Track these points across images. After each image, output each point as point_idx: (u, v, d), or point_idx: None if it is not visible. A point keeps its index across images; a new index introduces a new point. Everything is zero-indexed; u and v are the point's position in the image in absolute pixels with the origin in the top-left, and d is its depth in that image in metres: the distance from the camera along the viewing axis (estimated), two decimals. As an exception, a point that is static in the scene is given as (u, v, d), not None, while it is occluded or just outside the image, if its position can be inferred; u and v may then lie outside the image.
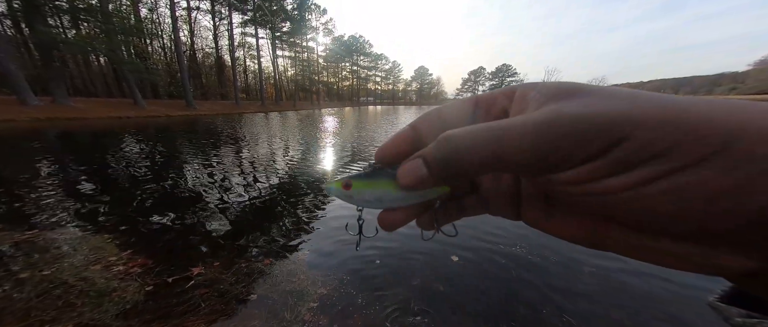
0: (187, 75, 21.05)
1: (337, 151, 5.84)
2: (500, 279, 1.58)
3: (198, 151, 5.71)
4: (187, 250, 1.93)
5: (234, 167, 4.42)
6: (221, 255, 1.86)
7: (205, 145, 6.41)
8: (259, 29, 35.30)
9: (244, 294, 1.49)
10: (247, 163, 4.70)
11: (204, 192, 3.17)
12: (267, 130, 9.98)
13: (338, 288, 1.52)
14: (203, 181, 3.60)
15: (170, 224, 2.32)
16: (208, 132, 9.22)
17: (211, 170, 4.19)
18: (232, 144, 6.73)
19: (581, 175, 0.09)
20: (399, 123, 13.22)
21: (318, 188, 3.36)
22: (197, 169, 4.21)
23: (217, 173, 4.03)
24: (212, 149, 5.93)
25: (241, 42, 40.49)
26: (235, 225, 2.34)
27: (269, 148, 6.17)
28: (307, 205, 2.78)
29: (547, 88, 0.11)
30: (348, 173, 0.15)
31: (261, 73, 35.08)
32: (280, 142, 6.99)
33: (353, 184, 0.14)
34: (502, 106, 0.13)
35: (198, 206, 2.73)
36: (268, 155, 5.34)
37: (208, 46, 36.29)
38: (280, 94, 43.49)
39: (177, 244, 2.01)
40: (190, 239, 2.08)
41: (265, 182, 3.56)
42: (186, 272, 1.64)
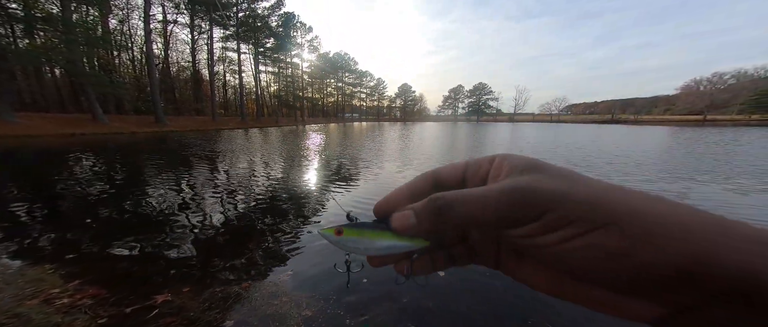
0: (157, 89, 19.85)
1: (320, 170, 5.74)
2: (486, 290, 1.60)
3: (165, 170, 5.28)
4: (150, 276, 1.73)
5: (207, 186, 4.14)
6: (191, 280, 1.69)
7: (173, 163, 5.96)
8: (242, 44, 35.19)
9: (218, 321, 1.35)
10: (222, 182, 4.43)
11: (171, 214, 2.91)
12: (246, 147, 9.58)
13: (324, 309, 1.43)
14: (170, 202, 3.31)
15: (129, 250, 2.08)
16: (179, 149, 8.62)
17: (181, 190, 3.88)
18: (207, 162, 6.34)
19: (527, 231, 0.13)
20: (384, 139, 13.43)
21: (300, 209, 3.25)
22: (163, 189, 3.87)
23: (187, 193, 3.73)
24: (183, 167, 5.53)
25: (221, 56, 39.81)
26: (208, 248, 2.15)
27: (248, 165, 5.90)
28: (290, 225, 2.64)
29: (516, 162, 0.14)
30: (339, 223, 0.18)
31: (242, 89, 34.31)
32: (259, 160, 6.71)
33: (344, 231, 0.16)
34: (486, 170, 0.16)
35: (164, 229, 2.49)
36: (247, 174, 5.09)
37: (185, 59, 35.05)
38: (261, 110, 42.48)
39: (137, 271, 1.79)
40: (153, 265, 1.87)
41: (242, 202, 3.36)
42: (148, 301, 1.46)
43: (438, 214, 0.14)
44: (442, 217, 0.14)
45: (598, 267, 0.12)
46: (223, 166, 5.76)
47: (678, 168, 5.24)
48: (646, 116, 71.76)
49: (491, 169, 0.16)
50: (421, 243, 0.15)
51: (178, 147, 9.19)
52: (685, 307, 0.11)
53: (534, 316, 1.41)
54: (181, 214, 2.87)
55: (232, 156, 7.04)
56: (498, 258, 0.17)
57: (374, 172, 5.05)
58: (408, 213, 0.15)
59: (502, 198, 0.13)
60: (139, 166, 5.63)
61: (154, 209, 3.03)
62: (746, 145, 9.36)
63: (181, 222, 2.67)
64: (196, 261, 1.94)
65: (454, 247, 0.18)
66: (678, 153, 7.49)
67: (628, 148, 8.86)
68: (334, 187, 4.01)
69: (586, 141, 11.64)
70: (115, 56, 27.33)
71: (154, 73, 20.08)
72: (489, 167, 0.16)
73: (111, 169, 5.28)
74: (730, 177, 4.44)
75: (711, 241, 0.10)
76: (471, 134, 16.48)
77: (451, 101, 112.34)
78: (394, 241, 0.15)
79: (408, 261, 0.16)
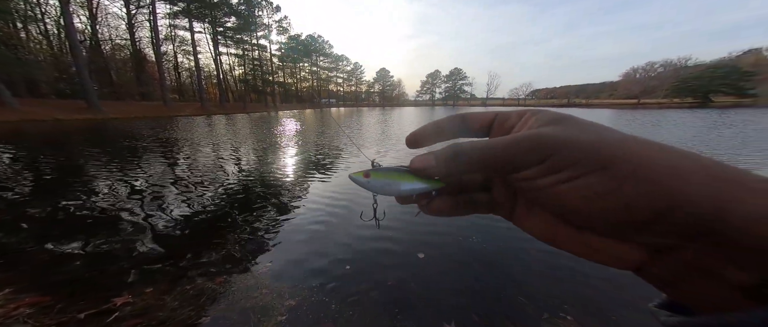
0: (86, 69, 16.47)
1: (296, 157, 5.49)
2: (464, 268, 1.70)
3: (111, 163, 4.59)
4: (104, 279, 1.56)
5: (166, 179, 3.72)
6: (156, 280, 1.57)
7: (119, 155, 5.18)
8: (196, 23, 30.51)
9: (192, 318, 1.28)
10: (184, 174, 4.02)
11: (124, 210, 2.59)
12: (209, 135, 8.66)
13: (308, 297, 1.44)
14: (121, 198, 2.93)
15: (74, 252, 1.83)
16: (124, 139, 7.46)
17: (133, 185, 3.44)
18: (162, 152, 5.64)
19: (530, 174, 0.14)
20: (364, 125, 13.16)
21: (277, 199, 3.12)
22: (111, 184, 3.39)
23: (141, 187, 3.32)
24: (133, 159, 4.84)
25: (168, 35, 34.19)
26: (173, 245, 1.99)
27: (214, 155, 5.39)
28: (266, 216, 2.53)
29: (543, 116, 0.15)
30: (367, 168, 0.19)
31: (199, 72, 30.21)
32: (226, 149, 6.16)
33: (371, 174, 0.18)
34: (513, 123, 0.17)
35: (117, 228, 2.22)
36: (212, 164, 4.67)
37: (121, 36, 29.28)
38: (225, 95, 38.23)
39: (86, 274, 1.60)
40: (106, 267, 1.68)
41: (210, 195, 3.10)
42: (106, 304, 1.33)
43: (454, 158, 0.15)
44: (456, 160, 0.15)
45: (587, 207, 0.13)
46: (183, 156, 5.17)
47: None
48: (595, 100, 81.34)
49: (518, 123, 0.17)
50: (438, 184, 0.18)
51: (122, 136, 7.95)
52: (663, 248, 0.12)
53: (505, 288, 1.60)
54: (137, 211, 2.57)
55: (192, 145, 6.33)
56: (513, 210, 0.18)
57: (353, 161, 5.00)
58: (429, 155, 0.16)
59: (510, 145, 0.14)
60: (75, 159, 4.78)
61: (101, 207, 2.66)
62: (652, 126, 11.21)
63: (137, 219, 2.39)
64: (160, 260, 1.78)
65: (477, 195, 0.19)
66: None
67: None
68: (310, 177, 3.89)
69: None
70: (19, 29, 21.62)
71: (79, 50, 16.49)
72: (516, 121, 0.17)
73: (36, 162, 4.41)
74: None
75: (685, 180, 0.11)
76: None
77: (429, 86, 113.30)
78: (415, 182, 0.17)
79: (427, 198, 0.18)
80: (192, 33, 29.57)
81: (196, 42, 31.22)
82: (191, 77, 42.44)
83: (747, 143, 6.41)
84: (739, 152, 5.35)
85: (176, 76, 41.14)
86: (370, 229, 2.22)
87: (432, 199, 0.18)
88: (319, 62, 76.43)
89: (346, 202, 2.86)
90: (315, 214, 2.55)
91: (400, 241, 1.98)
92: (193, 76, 36.74)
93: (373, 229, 2.19)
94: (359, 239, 2.07)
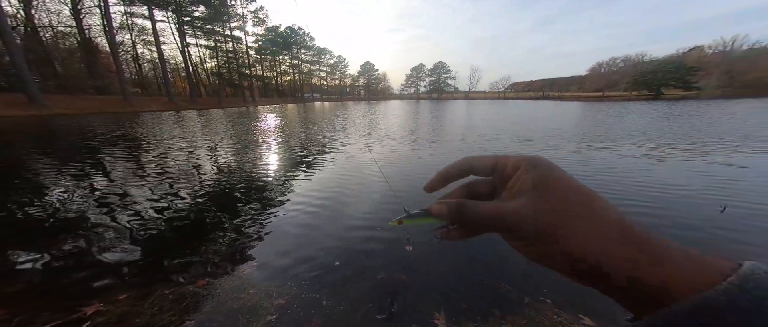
0: (22, 58, 14.15)
1: (278, 155, 5.29)
2: (452, 257, 1.77)
3: (66, 163, 4.11)
4: (71, 287, 1.44)
5: (133, 180, 3.42)
6: (130, 285, 1.47)
7: (74, 155, 4.64)
8: (157, 11, 27.52)
9: (175, 323, 1.23)
10: (153, 174, 3.71)
11: (87, 214, 2.37)
12: (180, 132, 7.99)
13: (298, 295, 1.42)
14: (83, 201, 2.66)
15: (31, 262, 1.66)
16: (79, 137, 6.65)
17: (94, 186, 3.12)
18: (126, 152, 5.14)
19: (504, 236, 0.20)
20: (349, 118, 12.93)
21: (260, 198, 3.01)
22: (70, 186, 3.05)
23: (106, 189, 3.03)
24: (92, 159, 4.36)
25: (124, 23, 30.57)
26: (147, 249, 1.86)
27: (187, 153, 5.01)
28: (249, 215, 2.43)
29: (528, 182, 0.19)
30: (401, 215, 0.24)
31: (164, 64, 27.50)
32: (201, 146, 5.75)
33: (404, 221, 0.24)
34: (509, 174, 0.21)
35: (79, 233, 2.03)
36: (186, 163, 4.35)
37: (64, 23, 25.52)
38: (197, 89, 35.34)
39: (48, 284, 1.47)
40: (71, 276, 1.55)
41: (185, 194, 2.92)
42: (74, 313, 1.24)
43: (459, 213, 0.21)
44: (461, 215, 0.21)
45: (542, 261, 0.19)
46: (152, 155, 4.75)
47: (589, 136, 6.71)
48: (566, 93, 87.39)
49: (513, 177, 0.21)
50: (447, 221, 0.23)
51: (76, 134, 7.08)
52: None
53: (488, 274, 1.70)
54: (102, 214, 2.34)
55: (160, 142, 5.81)
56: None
57: (341, 156, 4.93)
58: (443, 207, 0.21)
59: (491, 216, 0.20)
60: (21, 159, 4.19)
61: (59, 211, 2.39)
62: (615, 117, 12.37)
63: (104, 223, 2.19)
64: (132, 265, 1.66)
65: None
66: (586, 123, 9.50)
67: (558, 123, 10.67)
68: (294, 173, 3.79)
69: (526, 118, 13.47)
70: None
71: (11, 37, 14.14)
72: (512, 173, 0.21)
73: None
74: (611, 140, 5.98)
75: (600, 247, 0.16)
76: (433, 112, 16.83)
77: (414, 80, 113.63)
78: (433, 221, 0.23)
79: (445, 229, 0.24)
80: (153, 22, 26.68)
81: (160, 32, 28.35)
82: (155, 70, 38.64)
83: (690, 134, 7.29)
84: (687, 140, 6.07)
85: (137, 69, 37.15)
86: (357, 225, 2.23)
87: (448, 230, 0.24)
88: (300, 55, 73.13)
89: (333, 198, 2.84)
90: (301, 211, 2.50)
91: (387, 237, 2.01)
92: (157, 68, 33.51)
93: (361, 225, 2.22)
94: (347, 235, 2.07)
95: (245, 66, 46.78)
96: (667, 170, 3.70)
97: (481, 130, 8.53)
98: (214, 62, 42.85)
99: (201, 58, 41.93)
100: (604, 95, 66.83)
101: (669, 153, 4.74)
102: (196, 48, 39.28)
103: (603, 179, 3.39)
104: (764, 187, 2.95)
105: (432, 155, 4.90)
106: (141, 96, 29.21)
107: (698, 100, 30.57)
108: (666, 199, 2.68)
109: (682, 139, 5.95)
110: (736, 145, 5.11)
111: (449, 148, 5.55)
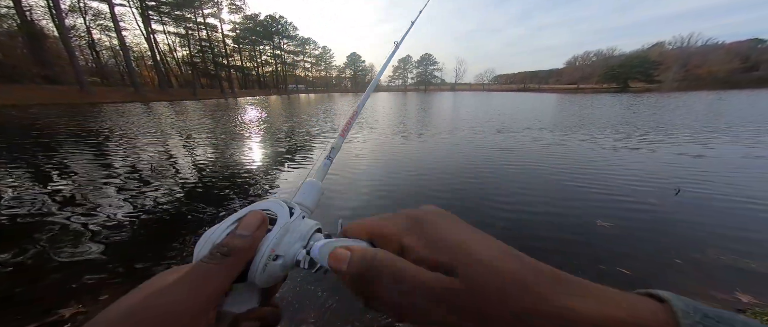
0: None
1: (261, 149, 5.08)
2: None
3: (15, 161, 3.69)
4: (43, 291, 1.37)
5: (99, 176, 3.17)
6: (111, 286, 1.42)
7: (24, 151, 4.16)
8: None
9: None
10: (122, 170, 3.46)
11: (48, 215, 2.18)
12: (150, 125, 7.36)
13: (292, 287, 1.44)
14: (42, 201, 2.44)
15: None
16: (27, 129, 5.92)
17: (55, 184, 2.86)
18: (90, 147, 4.69)
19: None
20: (336, 111, 12.63)
21: (245, 190, 2.92)
22: (26, 187, 2.76)
23: (67, 187, 2.79)
24: (48, 155, 3.94)
25: (75, 6, 26.99)
26: (123, 250, 1.77)
27: (160, 148, 4.68)
28: (234, 209, 2.38)
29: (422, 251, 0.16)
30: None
31: (127, 52, 24.88)
32: (174, 141, 5.38)
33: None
34: (403, 243, 0.17)
35: (43, 235, 1.89)
36: (160, 157, 4.07)
37: None
38: (167, 80, 32.48)
39: (14, 288, 1.37)
40: (43, 278, 1.46)
41: (161, 192, 2.76)
42: (50, 316, 1.18)
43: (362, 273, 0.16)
44: (361, 278, 0.17)
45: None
46: (117, 151, 4.37)
47: (567, 125, 7.16)
48: (545, 86, 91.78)
49: (414, 241, 0.17)
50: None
51: (24, 127, 6.28)
52: None
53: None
54: (68, 215, 2.16)
55: (126, 137, 5.33)
56: None
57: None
58: (346, 254, 0.17)
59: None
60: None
61: (17, 213, 2.17)
62: (588, 109, 13.29)
63: (72, 224, 2.03)
64: (111, 264, 1.58)
65: None
66: (564, 115, 10.10)
67: (540, 114, 11.20)
68: (277, 166, 3.70)
69: (512, 109, 13.96)
70: None
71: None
72: (409, 241, 0.17)
73: None
74: (583, 127, 6.45)
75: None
76: (421, 105, 16.79)
77: (401, 71, 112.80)
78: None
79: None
80: (111, 6, 23.82)
81: (120, 17, 25.46)
82: (116, 58, 34.84)
83: (653, 126, 7.98)
84: (653, 132, 6.67)
85: (94, 57, 33.26)
86: (345, 215, 2.26)
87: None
88: (282, 45, 69.32)
89: (324, 186, 2.83)
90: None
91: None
92: (119, 56, 30.23)
93: (350, 215, 2.24)
94: (335, 225, 2.10)
95: (222, 56, 43.59)
96: (634, 158, 4.06)
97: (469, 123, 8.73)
98: (186, 51, 39.45)
99: (170, 46, 38.34)
100: (578, 87, 70.96)
101: (635, 143, 5.20)
102: (164, 35, 35.84)
103: (565, 165, 3.66)
104: (717, 173, 3.33)
105: (419, 150, 4.98)
106: (101, 86, 26.32)
107: (659, 92, 33.53)
108: (632, 187, 2.94)
109: (647, 130, 6.55)
110: (701, 136, 5.63)
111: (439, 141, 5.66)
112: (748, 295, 1.39)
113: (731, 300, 1.38)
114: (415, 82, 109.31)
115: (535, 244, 1.85)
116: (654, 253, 1.74)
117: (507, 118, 9.71)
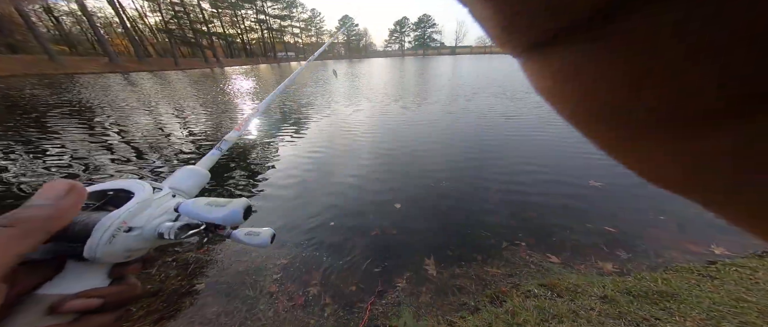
0: None
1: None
2: (435, 211, 1.92)
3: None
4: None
5: (95, 151, 3.10)
6: None
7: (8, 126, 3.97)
8: None
9: (185, 286, 1.30)
10: (117, 143, 3.37)
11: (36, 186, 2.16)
12: (138, 97, 6.93)
13: (299, 255, 1.51)
14: (34, 173, 2.38)
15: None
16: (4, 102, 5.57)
17: (47, 158, 2.81)
18: (74, 118, 4.48)
19: None
20: (328, 79, 11.87)
21: (246, 160, 2.90)
22: (19, 159, 2.70)
23: (61, 159, 2.74)
24: (36, 130, 3.78)
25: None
26: None
27: (152, 118, 4.49)
28: (238, 182, 2.40)
29: None
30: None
31: (90, 17, 22.17)
32: (165, 112, 5.13)
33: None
34: None
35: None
36: (149, 129, 3.94)
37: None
38: (144, 49, 29.71)
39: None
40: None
41: (160, 162, 2.73)
42: None
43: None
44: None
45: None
46: (134, 118, 4.19)
47: None
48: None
49: None
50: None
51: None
52: None
53: (470, 223, 1.89)
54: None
55: (109, 110, 5.06)
56: None
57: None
58: None
59: None
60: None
61: (12, 182, 2.17)
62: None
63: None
64: None
65: None
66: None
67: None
68: (279, 136, 3.62)
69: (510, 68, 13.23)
70: None
71: None
72: None
73: None
74: None
75: None
76: (420, 71, 15.25)
77: (397, 35, 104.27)
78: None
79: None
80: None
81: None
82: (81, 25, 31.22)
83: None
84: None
85: (54, 23, 29.70)
86: (350, 185, 2.30)
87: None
88: (266, 9, 62.12)
89: (321, 160, 2.84)
90: (291, 176, 2.51)
91: (378, 196, 2.13)
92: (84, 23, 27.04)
93: (353, 185, 2.29)
94: (340, 195, 2.15)
95: (199, 21, 39.20)
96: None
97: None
98: (158, 17, 35.26)
99: (139, 11, 34.09)
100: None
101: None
102: (132, 1, 31.51)
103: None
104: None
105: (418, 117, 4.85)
106: (70, 56, 24.09)
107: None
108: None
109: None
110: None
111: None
112: (721, 247, 1.52)
113: (705, 252, 1.51)
114: (413, 47, 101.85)
115: (536, 199, 1.95)
116: (641, 210, 1.84)
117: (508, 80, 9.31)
